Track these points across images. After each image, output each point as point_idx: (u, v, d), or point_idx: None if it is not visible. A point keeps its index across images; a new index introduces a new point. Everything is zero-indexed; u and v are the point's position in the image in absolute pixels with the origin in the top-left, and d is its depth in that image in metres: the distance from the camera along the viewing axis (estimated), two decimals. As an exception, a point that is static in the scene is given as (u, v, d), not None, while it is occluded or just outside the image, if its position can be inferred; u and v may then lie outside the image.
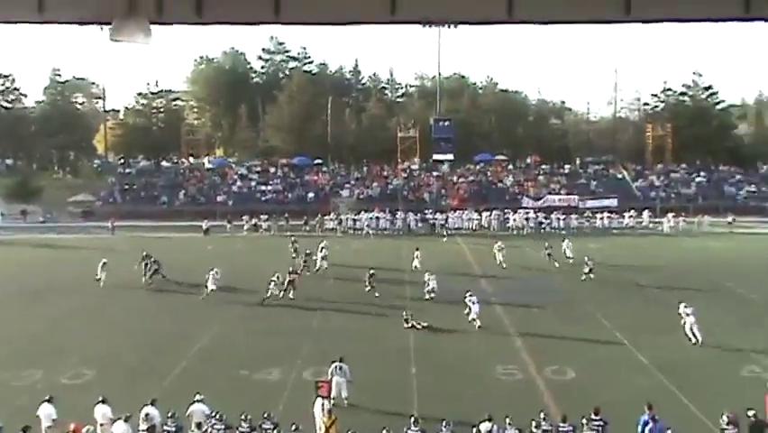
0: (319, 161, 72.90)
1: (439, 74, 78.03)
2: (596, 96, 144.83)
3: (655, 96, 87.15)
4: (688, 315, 25.08)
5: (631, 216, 56.15)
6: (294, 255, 40.12)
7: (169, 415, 15.97)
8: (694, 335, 24.47)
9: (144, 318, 29.14)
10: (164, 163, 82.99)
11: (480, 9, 9.71)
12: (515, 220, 55.61)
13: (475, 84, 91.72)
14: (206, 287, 31.94)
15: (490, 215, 56.56)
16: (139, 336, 26.26)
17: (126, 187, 69.50)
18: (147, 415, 15.95)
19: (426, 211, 57.92)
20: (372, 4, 9.17)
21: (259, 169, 72.88)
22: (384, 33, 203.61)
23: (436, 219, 56.24)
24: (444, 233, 52.78)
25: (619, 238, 51.40)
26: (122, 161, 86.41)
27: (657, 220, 55.66)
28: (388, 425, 15.80)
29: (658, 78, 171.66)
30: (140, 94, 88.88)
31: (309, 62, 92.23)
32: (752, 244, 48.21)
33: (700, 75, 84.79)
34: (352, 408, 18.59)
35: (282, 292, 31.14)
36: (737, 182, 68.70)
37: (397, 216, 55.81)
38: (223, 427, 15.77)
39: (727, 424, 15.96)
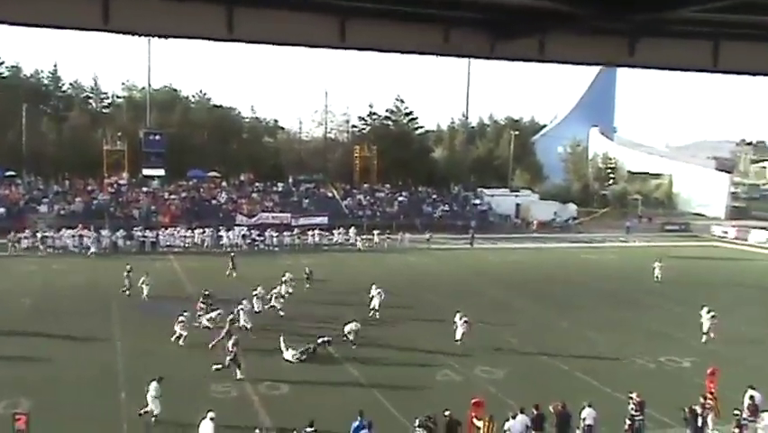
0: (12, 173, 65.80)
1: (149, 85, 75.16)
2: (307, 116, 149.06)
3: (362, 119, 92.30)
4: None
5: (339, 234, 58.62)
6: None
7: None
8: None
9: None
10: None
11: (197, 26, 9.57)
12: (229, 237, 55.21)
13: (187, 98, 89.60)
14: None
15: (203, 232, 55.53)
16: None
17: None
18: None
19: (136, 228, 55.12)
20: (84, 12, 8.60)
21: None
22: (87, 38, 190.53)
23: (146, 237, 53.83)
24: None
25: (328, 254, 53.44)
26: None
27: (365, 237, 58.82)
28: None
29: (365, 101, 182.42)
30: None
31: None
32: (446, 259, 52.99)
33: (402, 101, 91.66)
34: None
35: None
36: (433, 202, 75.08)
37: (102, 233, 52.36)
38: None
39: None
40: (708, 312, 29.74)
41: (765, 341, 30.40)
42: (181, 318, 27.64)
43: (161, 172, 67.65)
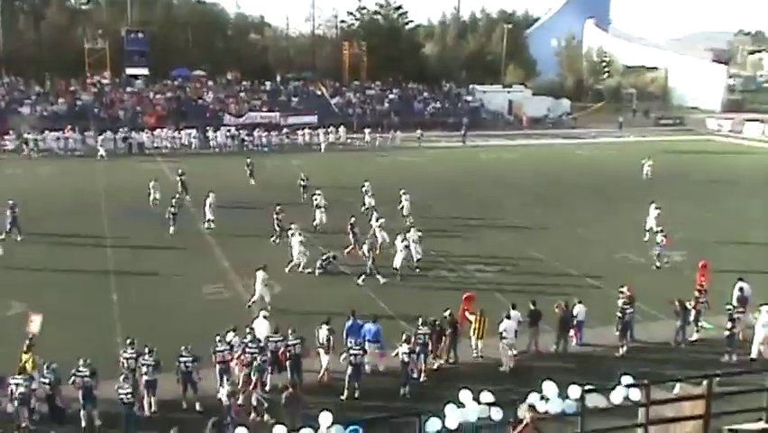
0: (-9, 74, 64.13)
1: (129, -20, 72.24)
2: (294, 12, 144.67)
3: (351, 14, 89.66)
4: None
5: (327, 133, 57.49)
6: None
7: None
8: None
9: None
10: None
11: None
12: (216, 138, 54.34)
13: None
14: None
15: (190, 134, 54.60)
16: None
17: None
18: None
19: (121, 130, 54.09)
20: None
21: None
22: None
23: (133, 138, 52.89)
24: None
25: (319, 155, 52.69)
26: None
27: (354, 136, 57.95)
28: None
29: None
30: None
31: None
32: (437, 158, 52.43)
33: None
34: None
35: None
36: (424, 99, 73.78)
37: (87, 135, 51.45)
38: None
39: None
40: (656, 208, 29.51)
41: (752, 237, 30.33)
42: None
43: (145, 72, 66.01)
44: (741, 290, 19.64)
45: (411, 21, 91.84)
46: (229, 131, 55.98)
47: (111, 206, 33.93)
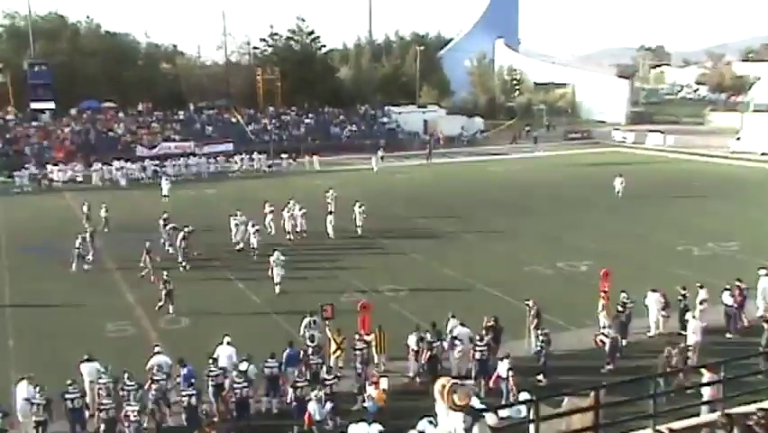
0: None
1: (30, 10, 70.17)
2: (206, 40, 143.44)
3: (264, 40, 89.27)
4: None
5: (243, 159, 57.13)
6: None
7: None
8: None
9: None
10: None
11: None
12: (130, 170, 53.07)
13: (76, 24, 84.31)
14: None
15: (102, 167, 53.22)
16: None
17: None
18: None
19: (26, 166, 52.29)
20: None
21: None
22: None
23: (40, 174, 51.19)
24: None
25: (233, 182, 52.15)
26: None
27: (273, 162, 57.60)
28: None
29: (265, 22, 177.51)
30: None
31: None
32: (353, 180, 52.54)
33: (303, 20, 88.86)
34: None
35: None
36: (341, 123, 74.07)
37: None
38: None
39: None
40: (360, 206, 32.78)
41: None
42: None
43: (51, 105, 64.08)
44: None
45: (324, 45, 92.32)
46: (143, 163, 54.85)
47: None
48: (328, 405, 15.38)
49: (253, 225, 30.03)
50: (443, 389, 6.93)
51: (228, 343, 17.70)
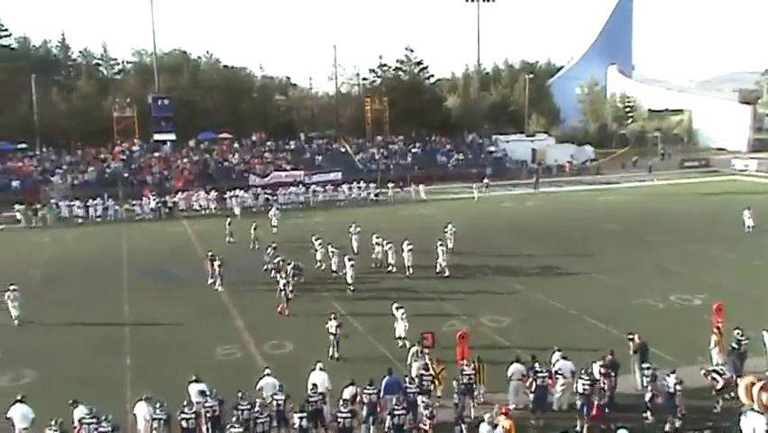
0: (24, 145, 66.04)
1: (155, 48, 74.43)
2: (318, 71, 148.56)
3: (373, 71, 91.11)
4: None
5: (351, 188, 58.16)
6: None
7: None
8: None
9: None
10: None
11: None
12: (243, 198, 54.94)
13: (197, 60, 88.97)
14: None
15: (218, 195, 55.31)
16: None
17: None
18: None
19: (153, 194, 55.07)
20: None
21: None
22: (94, 4, 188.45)
23: (165, 202, 53.64)
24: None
25: (342, 210, 52.99)
26: None
27: (380, 191, 58.34)
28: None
29: (374, 53, 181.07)
30: None
31: (7, 36, 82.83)
32: (457, 209, 52.32)
33: (412, 51, 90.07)
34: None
35: None
36: (448, 152, 74.22)
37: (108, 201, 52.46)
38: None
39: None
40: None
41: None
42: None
43: (172, 136, 67.47)
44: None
45: (432, 75, 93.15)
46: (256, 191, 56.81)
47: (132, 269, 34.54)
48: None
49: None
50: (753, 387, 6.73)
51: (321, 369, 17.89)
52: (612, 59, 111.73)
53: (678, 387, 16.43)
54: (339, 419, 15.82)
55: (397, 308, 22.86)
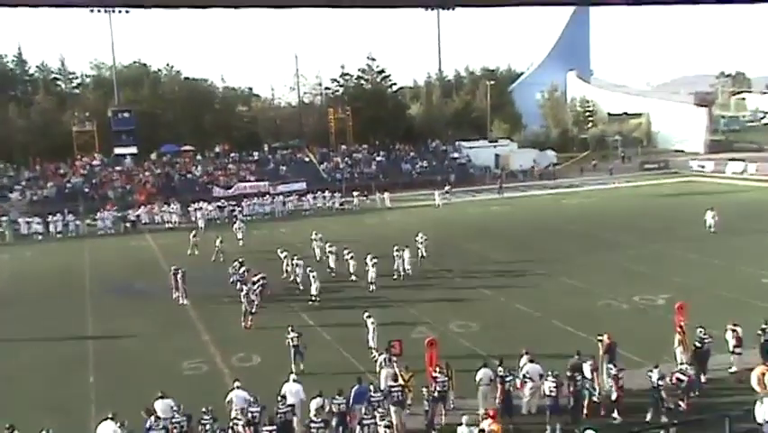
0: (-22, 162, 64.71)
1: (114, 61, 73.68)
2: (280, 82, 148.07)
3: (335, 80, 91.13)
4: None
5: (316, 198, 57.97)
6: None
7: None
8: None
9: None
10: None
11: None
12: (208, 211, 54.38)
13: (157, 72, 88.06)
14: None
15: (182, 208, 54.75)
16: None
17: None
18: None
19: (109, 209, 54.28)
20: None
21: None
22: (50, 17, 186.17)
23: (128, 215, 52.90)
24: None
25: (308, 219, 52.77)
26: None
27: (345, 199, 58.26)
28: None
29: (336, 62, 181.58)
30: None
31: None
32: (421, 216, 52.52)
33: (374, 59, 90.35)
34: None
35: None
36: (412, 159, 74.44)
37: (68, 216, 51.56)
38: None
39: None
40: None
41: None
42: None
43: (133, 150, 66.77)
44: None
45: (395, 83, 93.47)
46: (219, 203, 56.31)
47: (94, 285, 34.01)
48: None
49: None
50: (765, 376, 7.08)
51: (294, 380, 17.83)
52: (571, 65, 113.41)
53: (660, 382, 16.79)
54: (312, 429, 15.74)
55: (368, 317, 22.81)
